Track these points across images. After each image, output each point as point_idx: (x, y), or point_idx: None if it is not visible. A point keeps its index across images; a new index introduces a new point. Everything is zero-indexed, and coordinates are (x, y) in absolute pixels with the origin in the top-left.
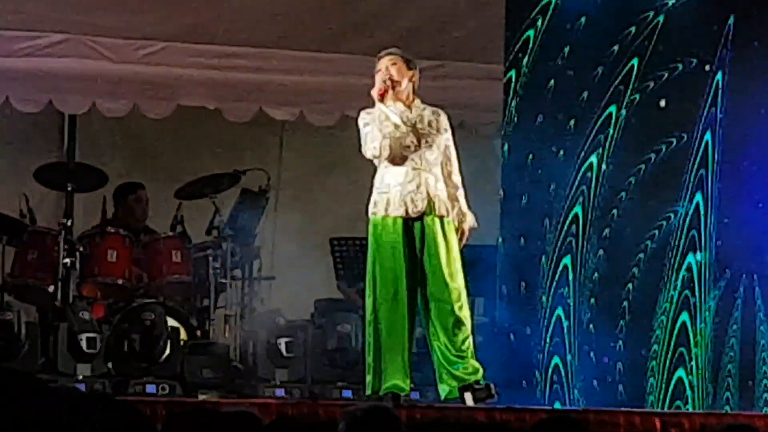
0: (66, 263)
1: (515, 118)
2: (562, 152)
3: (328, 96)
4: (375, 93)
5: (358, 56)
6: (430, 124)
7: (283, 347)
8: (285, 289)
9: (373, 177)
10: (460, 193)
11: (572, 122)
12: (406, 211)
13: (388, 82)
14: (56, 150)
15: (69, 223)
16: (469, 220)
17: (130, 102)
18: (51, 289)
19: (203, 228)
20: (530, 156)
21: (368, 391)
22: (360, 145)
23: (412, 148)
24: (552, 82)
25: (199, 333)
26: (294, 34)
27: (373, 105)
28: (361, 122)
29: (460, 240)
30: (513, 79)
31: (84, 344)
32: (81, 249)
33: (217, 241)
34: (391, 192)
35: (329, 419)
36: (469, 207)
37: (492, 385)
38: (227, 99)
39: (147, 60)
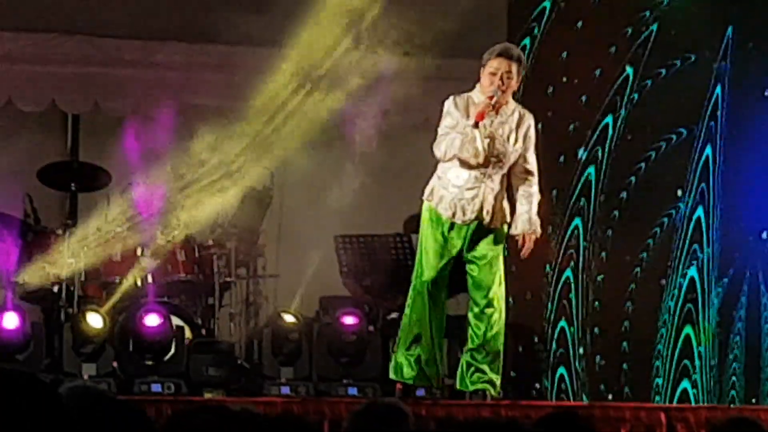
0: (70, 263)
1: None
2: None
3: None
4: (476, 116)
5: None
6: (509, 135)
7: (288, 345)
8: (290, 287)
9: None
10: (532, 202)
11: (572, 127)
12: (453, 215)
13: (496, 99)
14: (60, 150)
15: (73, 223)
16: (536, 230)
17: (134, 101)
18: (56, 289)
19: (208, 227)
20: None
21: (405, 376)
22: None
23: (481, 161)
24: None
25: (204, 332)
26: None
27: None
28: (445, 120)
29: (521, 249)
30: None
31: (89, 344)
32: (85, 249)
33: (222, 240)
34: (448, 190)
35: (335, 416)
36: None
37: (488, 395)
38: (230, 98)
39: (149, 60)
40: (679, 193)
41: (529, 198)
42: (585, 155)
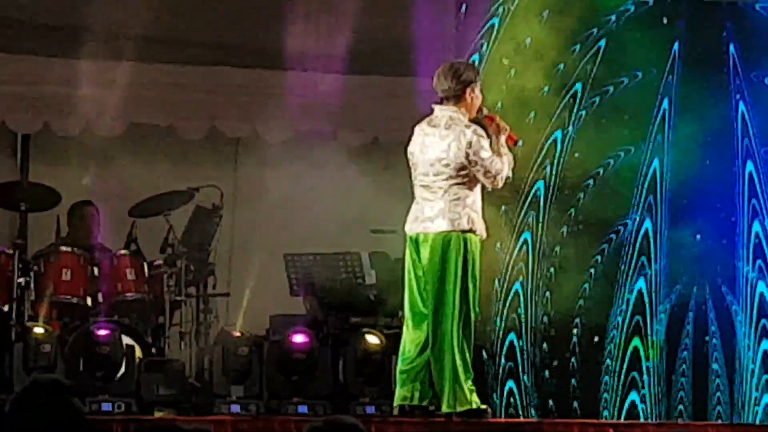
0: (20, 282)
1: None
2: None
3: (280, 112)
4: (513, 136)
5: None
6: None
7: (238, 363)
8: (240, 305)
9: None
10: None
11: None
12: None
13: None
14: (10, 169)
15: (23, 243)
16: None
17: (83, 121)
18: (6, 308)
19: (157, 246)
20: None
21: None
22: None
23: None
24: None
25: (154, 350)
26: (243, 50)
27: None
28: (486, 149)
29: None
30: None
31: (39, 363)
32: (35, 268)
33: (172, 259)
34: (480, 213)
35: None
36: None
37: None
38: (180, 116)
39: (99, 80)
40: (628, 208)
41: None
42: (534, 171)
